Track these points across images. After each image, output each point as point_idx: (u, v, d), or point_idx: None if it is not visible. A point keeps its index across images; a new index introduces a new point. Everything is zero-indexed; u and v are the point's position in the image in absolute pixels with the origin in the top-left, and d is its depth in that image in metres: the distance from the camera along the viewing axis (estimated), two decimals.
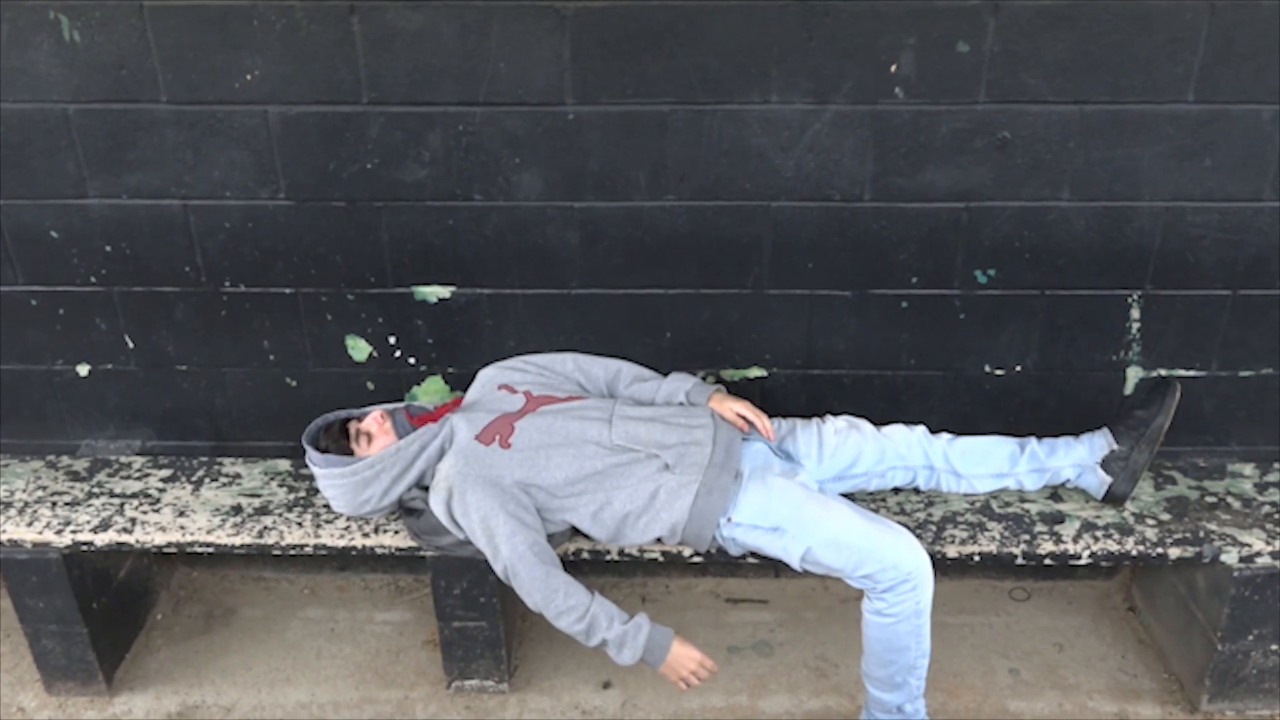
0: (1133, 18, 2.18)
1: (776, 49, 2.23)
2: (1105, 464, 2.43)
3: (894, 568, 2.12)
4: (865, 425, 2.50)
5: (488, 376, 2.50)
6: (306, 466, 2.71)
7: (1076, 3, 2.17)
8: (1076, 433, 2.56)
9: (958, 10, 2.18)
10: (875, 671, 2.27)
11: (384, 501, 2.33)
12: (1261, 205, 2.38)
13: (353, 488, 2.31)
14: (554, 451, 2.24)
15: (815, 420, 2.50)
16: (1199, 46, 2.21)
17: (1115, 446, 2.43)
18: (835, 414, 2.54)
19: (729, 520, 2.24)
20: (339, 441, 2.36)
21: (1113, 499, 2.46)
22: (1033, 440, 2.50)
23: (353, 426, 2.36)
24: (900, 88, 2.26)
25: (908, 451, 2.47)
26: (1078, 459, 2.47)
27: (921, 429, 2.50)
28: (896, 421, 2.53)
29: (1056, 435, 2.56)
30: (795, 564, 2.20)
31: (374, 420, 2.33)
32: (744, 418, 2.38)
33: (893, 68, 2.24)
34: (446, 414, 2.37)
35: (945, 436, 2.50)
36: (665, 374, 2.50)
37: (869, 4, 2.17)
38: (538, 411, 2.32)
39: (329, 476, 2.32)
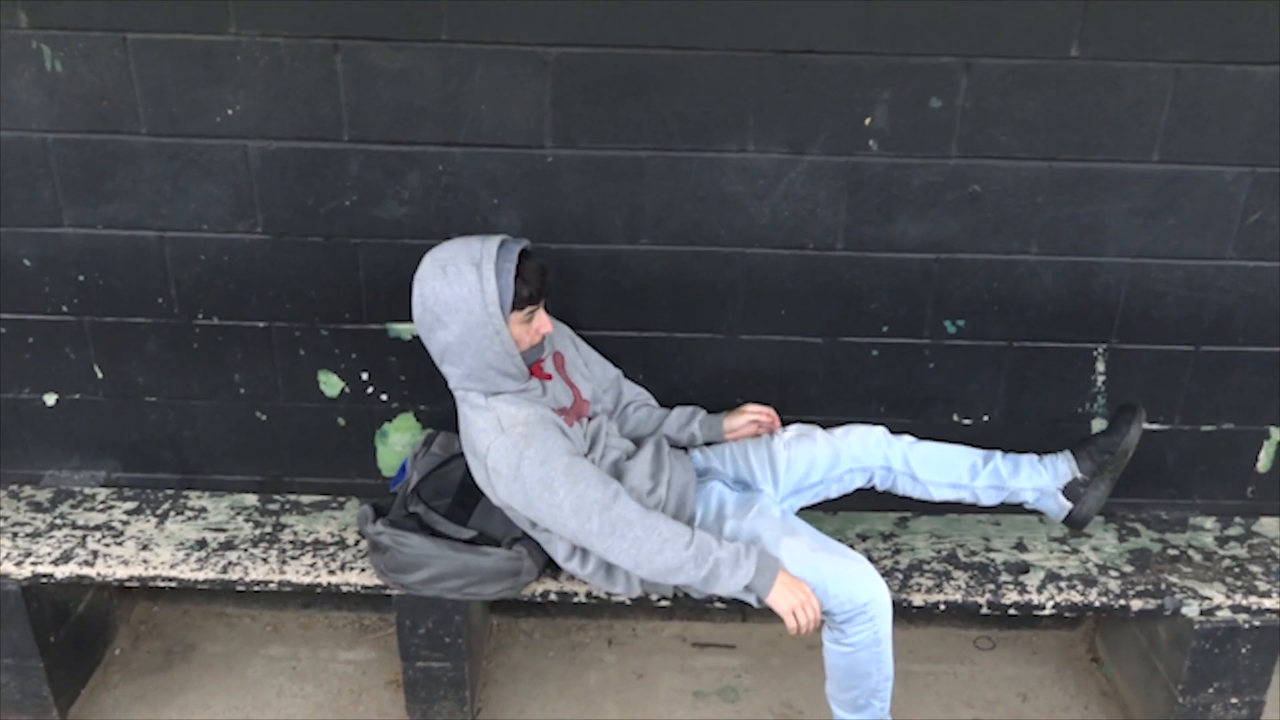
0: (1101, 79, 2.24)
1: (754, 99, 2.27)
2: (1067, 490, 2.40)
3: (849, 600, 2.12)
4: (816, 431, 2.45)
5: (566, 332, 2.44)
6: (274, 500, 2.69)
7: (1046, 63, 2.23)
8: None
9: (931, 67, 2.23)
10: (839, 694, 2.27)
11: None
12: (1224, 264, 2.44)
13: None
14: None
15: (765, 436, 2.49)
16: (1164, 109, 2.28)
17: (1078, 474, 2.40)
18: (785, 423, 2.51)
19: None
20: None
21: (1073, 524, 2.43)
22: (997, 455, 2.42)
23: None
24: (874, 140, 2.31)
25: (864, 453, 2.40)
26: (1040, 484, 2.40)
27: (882, 430, 2.43)
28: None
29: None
30: (754, 603, 2.20)
31: None
32: (758, 422, 2.45)
33: (867, 121, 2.29)
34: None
35: (907, 439, 2.43)
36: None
37: (845, 58, 2.22)
38: (575, 424, 2.26)
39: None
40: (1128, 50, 2.21)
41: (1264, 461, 2.70)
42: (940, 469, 2.40)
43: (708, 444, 2.51)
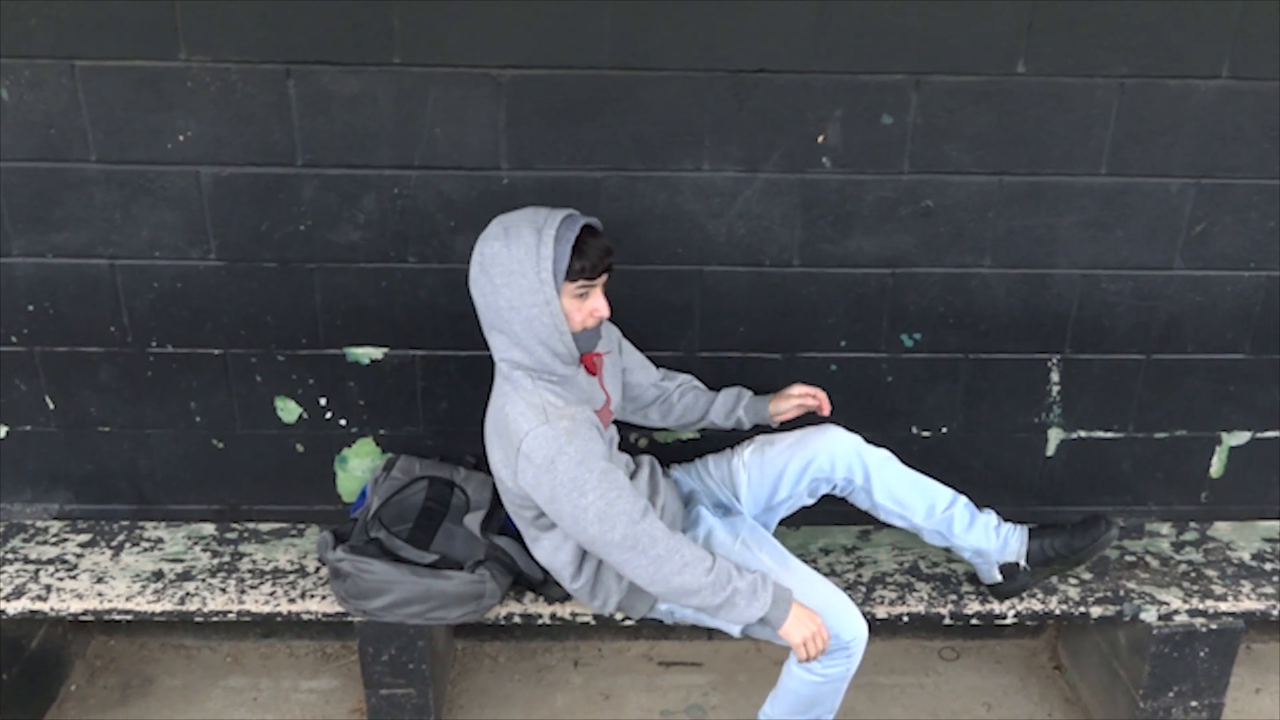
0: (1048, 95, 2.28)
1: (708, 119, 2.28)
2: (1005, 567, 2.36)
3: (836, 636, 2.11)
4: (780, 440, 2.38)
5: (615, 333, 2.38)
6: (232, 529, 2.66)
7: (995, 80, 2.26)
8: (1002, 490, 2.63)
9: (882, 85, 2.26)
10: (782, 717, 2.26)
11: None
12: (1172, 274, 2.49)
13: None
14: None
15: (726, 455, 2.46)
16: (1110, 123, 2.32)
17: (1023, 562, 2.34)
18: (749, 436, 2.47)
19: None
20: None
21: (995, 594, 2.41)
22: (958, 505, 2.34)
23: None
24: (828, 157, 2.33)
25: (831, 467, 2.31)
26: (984, 548, 2.34)
27: (855, 440, 2.34)
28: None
29: (983, 492, 2.61)
30: (735, 633, 2.20)
31: None
32: (804, 404, 2.40)
33: (820, 138, 2.31)
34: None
35: (881, 456, 2.34)
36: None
37: (797, 77, 2.24)
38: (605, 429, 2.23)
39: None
40: (1072, 66, 2.26)
41: (1216, 467, 2.75)
42: (897, 500, 2.34)
43: (755, 428, 2.47)
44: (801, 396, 2.39)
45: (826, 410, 2.39)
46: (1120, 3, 2.20)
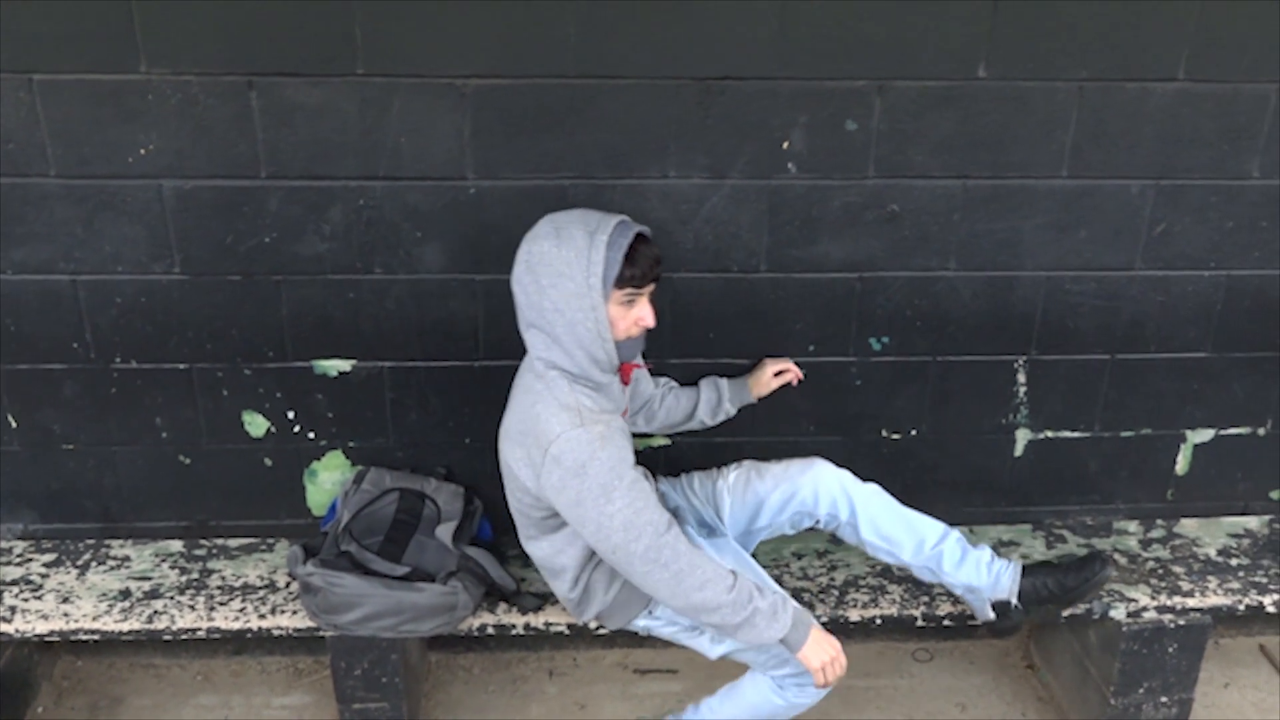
0: (1009, 99, 2.31)
1: (674, 126, 2.29)
2: (998, 605, 2.31)
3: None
4: (769, 471, 2.36)
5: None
6: (200, 545, 2.63)
7: (957, 85, 2.29)
8: (971, 491, 2.64)
9: (846, 91, 2.27)
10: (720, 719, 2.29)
11: None
12: (1134, 274, 2.52)
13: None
14: None
15: (713, 474, 2.45)
16: (1071, 126, 2.34)
17: (1015, 601, 2.29)
18: (738, 458, 2.48)
19: (649, 612, 2.23)
20: None
21: (993, 632, 2.36)
22: (949, 540, 2.30)
23: None
24: (793, 163, 2.34)
25: (815, 502, 2.30)
26: (976, 584, 2.30)
27: (843, 476, 2.32)
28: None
29: (953, 493, 2.63)
30: (712, 657, 2.18)
31: None
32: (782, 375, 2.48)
33: (785, 144, 2.32)
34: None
35: (869, 491, 2.32)
36: None
37: (762, 83, 2.25)
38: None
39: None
40: (1033, 70, 2.28)
41: (1182, 464, 2.78)
42: (884, 537, 2.31)
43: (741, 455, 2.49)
44: (775, 367, 2.47)
45: (799, 378, 2.50)
46: (1078, 7, 2.23)
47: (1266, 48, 2.30)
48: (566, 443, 1.92)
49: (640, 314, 1.98)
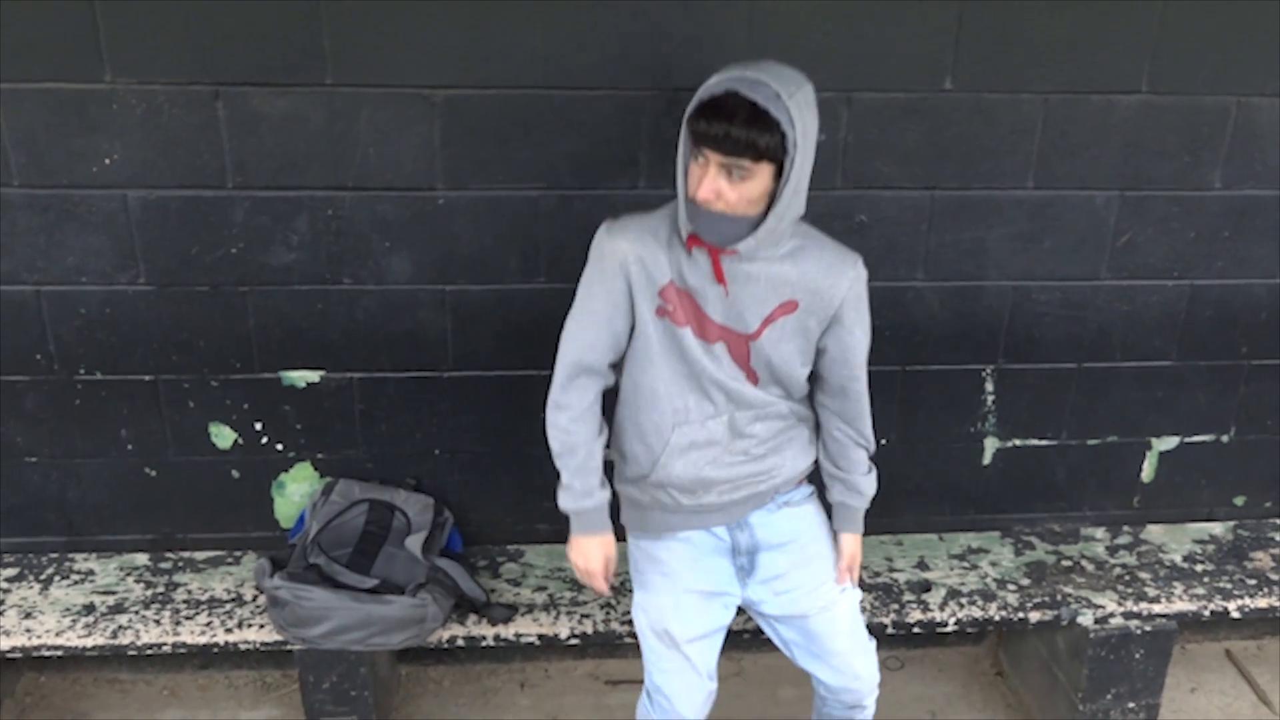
0: (975, 110, 2.33)
1: (644, 137, 2.29)
2: None
3: (648, 675, 2.08)
4: (831, 650, 2.10)
5: None
6: (166, 559, 2.60)
7: (924, 96, 2.30)
8: (941, 500, 2.66)
9: None
10: None
11: None
12: (1099, 284, 2.54)
13: None
14: None
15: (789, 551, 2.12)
16: (1035, 137, 2.37)
17: None
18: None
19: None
20: None
21: None
22: None
23: None
24: None
25: (826, 690, 2.15)
26: None
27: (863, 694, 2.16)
28: None
29: (923, 502, 2.64)
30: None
31: None
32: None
33: None
34: None
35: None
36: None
37: None
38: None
39: None
40: (998, 82, 2.30)
41: (1147, 472, 2.81)
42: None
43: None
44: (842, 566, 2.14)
45: (843, 581, 2.13)
46: (1043, 20, 2.25)
47: (1227, 61, 2.33)
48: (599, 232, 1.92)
49: (704, 180, 1.70)
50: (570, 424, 1.96)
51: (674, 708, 2.04)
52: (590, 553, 2.00)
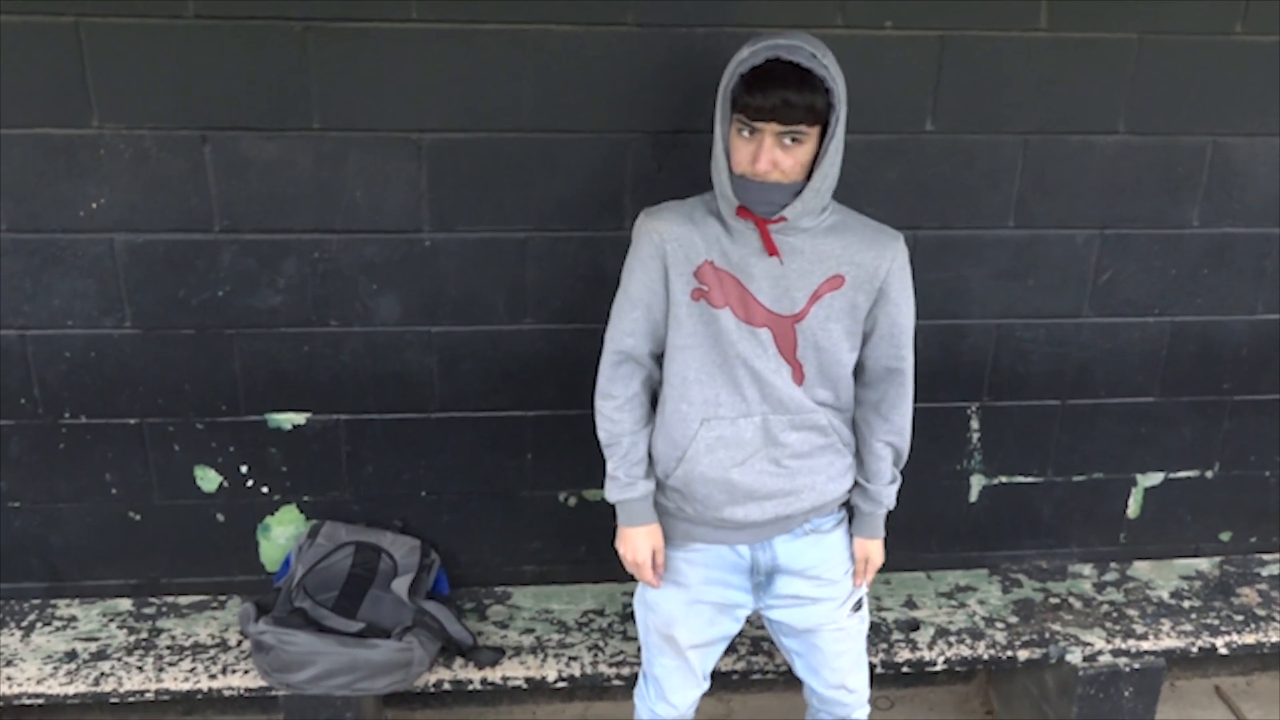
0: (956, 151, 2.36)
1: (628, 179, 2.31)
2: None
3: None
4: (832, 667, 2.14)
5: None
6: (149, 604, 2.58)
7: (906, 137, 2.33)
8: (928, 537, 2.66)
9: None
10: None
11: None
12: (1082, 321, 2.56)
13: None
14: None
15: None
16: (1016, 178, 2.40)
17: None
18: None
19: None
20: None
21: None
22: None
23: None
24: None
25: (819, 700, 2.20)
26: None
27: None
28: None
29: (910, 539, 2.63)
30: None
31: None
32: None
33: None
34: None
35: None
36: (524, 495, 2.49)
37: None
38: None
39: None
40: (979, 124, 2.34)
41: (1133, 508, 2.82)
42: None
43: None
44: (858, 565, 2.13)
45: (858, 583, 2.12)
46: (1021, 62, 2.29)
47: (1202, 102, 2.37)
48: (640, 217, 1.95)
49: (757, 154, 1.71)
50: (615, 413, 1.99)
51: (665, 697, 2.14)
52: (638, 544, 2.02)
